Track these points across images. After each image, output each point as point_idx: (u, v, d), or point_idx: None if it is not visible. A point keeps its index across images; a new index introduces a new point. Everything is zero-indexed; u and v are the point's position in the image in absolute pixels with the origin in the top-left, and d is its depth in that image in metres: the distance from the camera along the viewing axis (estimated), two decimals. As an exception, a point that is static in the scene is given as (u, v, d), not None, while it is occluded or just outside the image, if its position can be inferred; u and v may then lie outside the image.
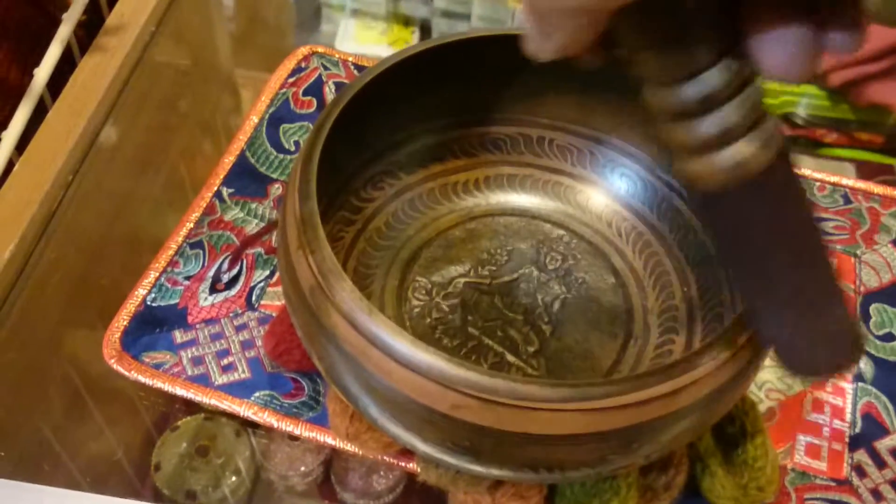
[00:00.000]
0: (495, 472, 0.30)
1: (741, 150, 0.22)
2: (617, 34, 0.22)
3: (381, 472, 0.41)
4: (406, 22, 0.68)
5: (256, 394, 0.39)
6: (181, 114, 0.58)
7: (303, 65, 0.51)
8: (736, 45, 0.22)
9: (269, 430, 0.40)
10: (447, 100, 0.42)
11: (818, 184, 0.48)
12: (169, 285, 0.42)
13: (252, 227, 0.45)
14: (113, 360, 0.39)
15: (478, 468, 0.30)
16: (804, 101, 0.60)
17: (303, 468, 0.42)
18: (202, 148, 0.59)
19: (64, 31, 0.49)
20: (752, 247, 0.24)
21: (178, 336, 0.41)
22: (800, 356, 0.26)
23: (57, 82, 0.50)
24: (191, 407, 0.42)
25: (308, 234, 0.31)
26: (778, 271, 0.24)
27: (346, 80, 0.51)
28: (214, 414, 0.42)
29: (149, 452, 0.42)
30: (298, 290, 0.32)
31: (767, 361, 0.42)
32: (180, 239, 0.44)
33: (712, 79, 0.22)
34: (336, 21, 0.68)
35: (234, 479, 0.42)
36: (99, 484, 0.42)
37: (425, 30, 0.68)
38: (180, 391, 0.39)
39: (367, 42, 0.67)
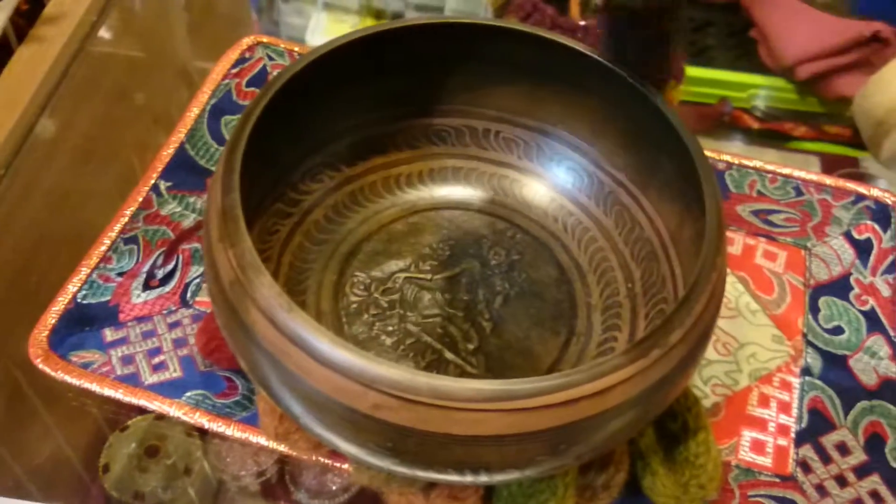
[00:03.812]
0: (420, 473, 0.29)
1: None
2: None
3: (336, 472, 0.40)
4: (378, 15, 0.67)
5: (188, 393, 0.38)
6: (130, 105, 0.56)
7: (247, 55, 0.50)
8: None
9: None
10: (390, 89, 0.41)
11: (770, 175, 0.48)
12: (101, 282, 0.41)
13: (189, 221, 0.43)
14: (39, 360, 0.38)
15: (402, 469, 0.29)
16: (772, 94, 0.60)
17: (256, 468, 0.41)
18: (153, 140, 0.57)
19: (-3, 20, 0.48)
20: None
21: (109, 334, 0.39)
22: None
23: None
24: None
25: (229, 227, 0.30)
26: None
27: (291, 71, 0.50)
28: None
29: (99, 453, 0.41)
30: (220, 285, 0.31)
31: (713, 356, 0.42)
32: (114, 234, 0.42)
33: None
34: (307, 14, 0.67)
35: (184, 479, 0.41)
36: (47, 486, 0.41)
37: (398, 23, 0.67)
38: (108, 391, 0.37)
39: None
